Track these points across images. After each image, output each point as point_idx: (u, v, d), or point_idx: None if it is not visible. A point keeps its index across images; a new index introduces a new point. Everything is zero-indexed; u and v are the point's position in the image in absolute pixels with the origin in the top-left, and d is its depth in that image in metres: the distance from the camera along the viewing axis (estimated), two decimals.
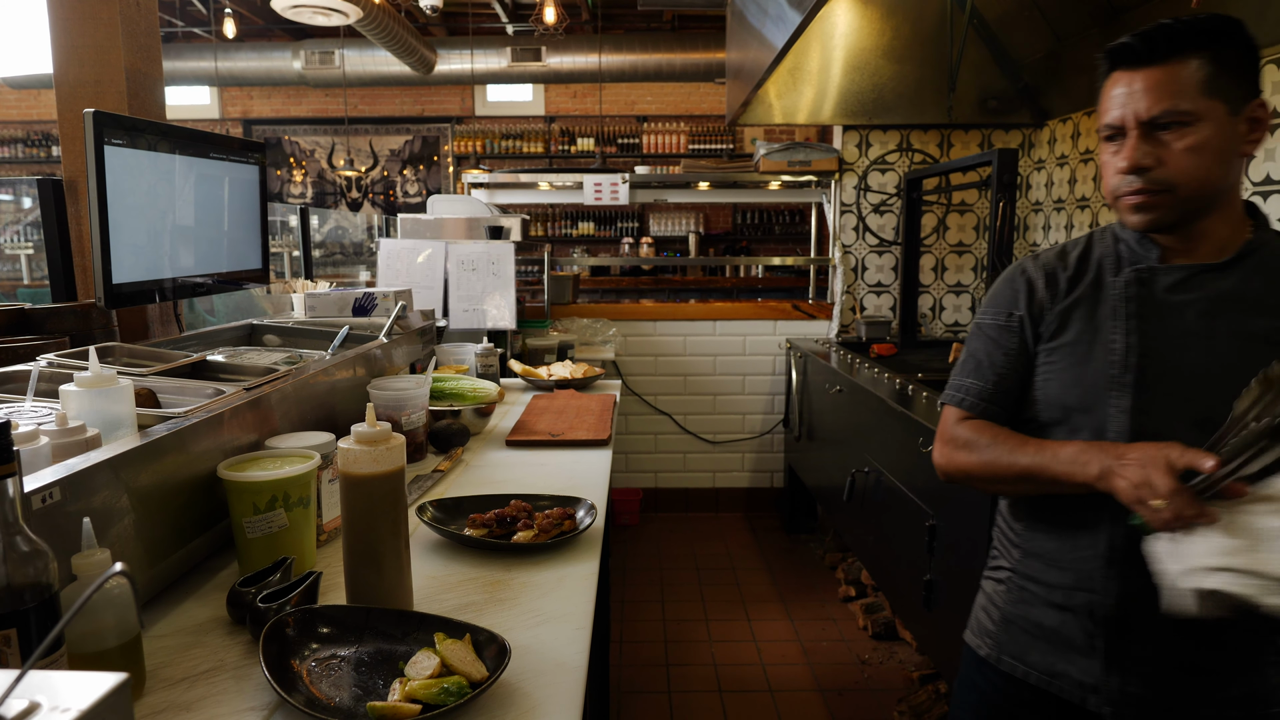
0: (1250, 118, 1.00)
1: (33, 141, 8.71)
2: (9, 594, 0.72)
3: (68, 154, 1.89)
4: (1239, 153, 1.01)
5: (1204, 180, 0.99)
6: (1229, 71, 0.98)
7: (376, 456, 0.97)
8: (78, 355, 1.41)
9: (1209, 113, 0.97)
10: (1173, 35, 0.98)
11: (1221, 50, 0.97)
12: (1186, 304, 1.03)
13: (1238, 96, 0.98)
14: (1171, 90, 0.98)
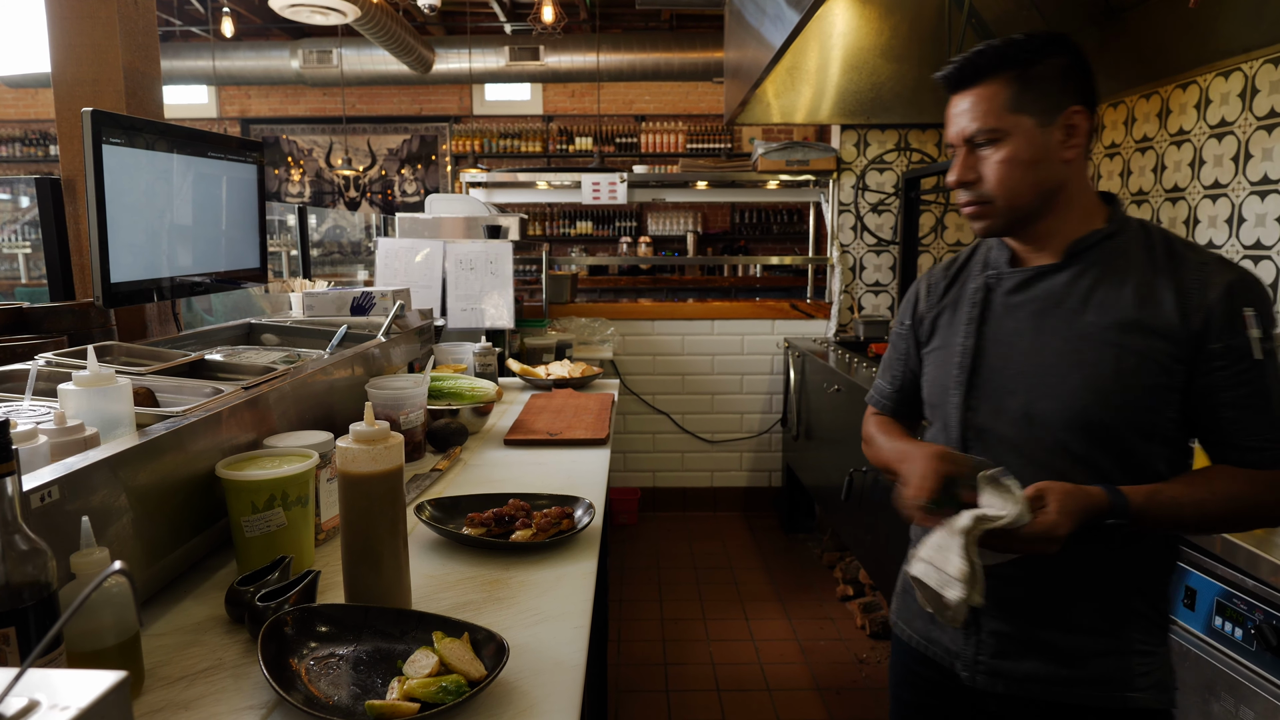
0: (1066, 125, 1.06)
1: (30, 141, 8.70)
2: (8, 592, 0.72)
3: (65, 153, 1.88)
4: (1059, 159, 1.06)
5: (1017, 190, 1.07)
6: (1035, 88, 1.05)
7: (375, 455, 0.97)
8: (76, 354, 1.41)
9: (1015, 128, 1.05)
10: (980, 62, 1.06)
11: (1028, 69, 1.05)
12: (1021, 305, 1.12)
13: (1046, 109, 1.05)
14: (982, 110, 1.06)
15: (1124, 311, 1.04)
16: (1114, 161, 2.87)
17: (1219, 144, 2.34)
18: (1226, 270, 1.02)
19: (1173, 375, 1.02)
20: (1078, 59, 1.07)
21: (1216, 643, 1.39)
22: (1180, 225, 2.50)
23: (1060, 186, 1.08)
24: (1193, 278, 1.03)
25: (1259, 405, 1.01)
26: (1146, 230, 1.09)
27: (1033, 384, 1.08)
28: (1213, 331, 1.01)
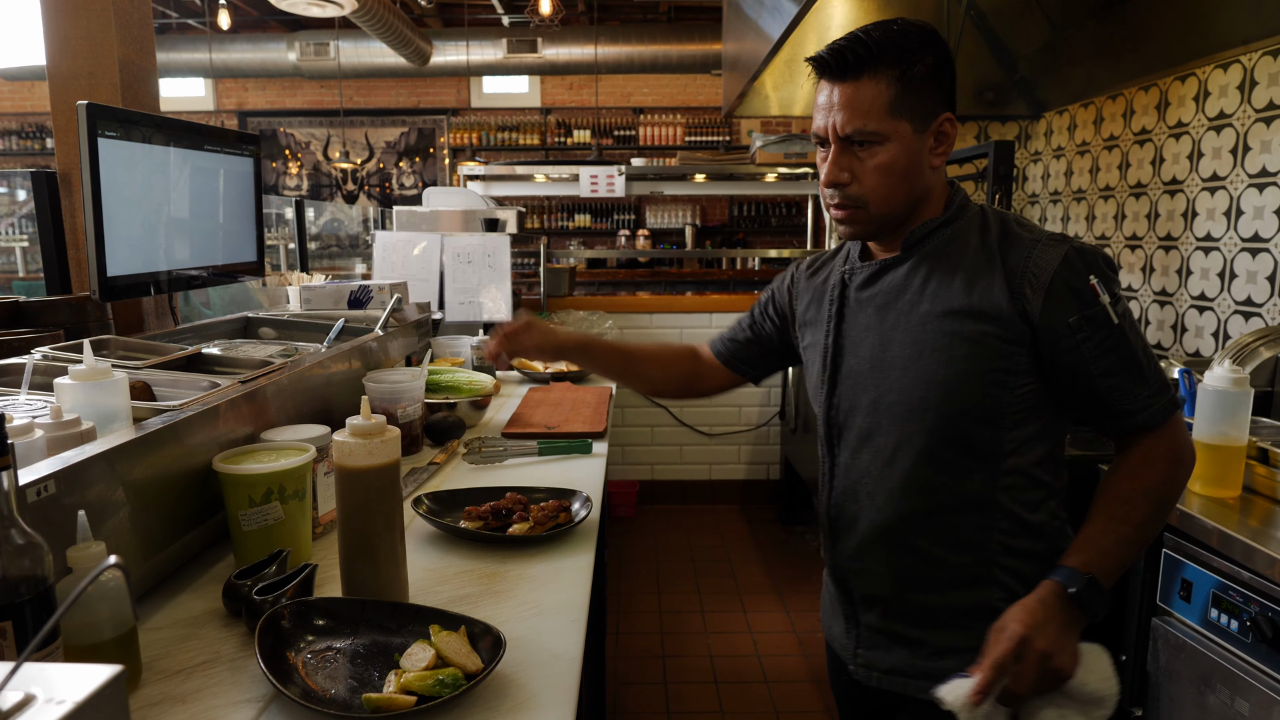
0: (938, 131, 1.04)
1: (27, 134, 8.67)
2: (4, 586, 0.72)
3: (61, 146, 1.88)
4: (930, 165, 1.06)
5: (891, 197, 1.04)
6: (915, 91, 1.01)
7: (371, 449, 0.97)
8: (72, 348, 1.41)
9: (894, 133, 1.01)
10: (861, 53, 1.00)
11: (909, 68, 1.00)
12: (869, 300, 1.12)
13: (923, 114, 1.02)
14: (861, 110, 1.01)
15: (955, 299, 1.03)
16: (1112, 154, 2.87)
17: (1217, 136, 2.33)
18: (1058, 244, 1.01)
19: (1011, 359, 1.02)
20: (947, 59, 1.04)
21: (1212, 635, 1.39)
22: (1179, 218, 2.50)
23: (926, 193, 1.07)
24: (1023, 257, 1.02)
25: (1130, 368, 1.00)
26: (984, 215, 1.09)
27: (880, 379, 1.08)
28: (1061, 308, 0.99)
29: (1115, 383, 1.00)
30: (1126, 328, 1.00)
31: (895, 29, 1.01)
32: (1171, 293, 2.54)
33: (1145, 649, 1.56)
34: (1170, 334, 2.55)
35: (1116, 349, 1.00)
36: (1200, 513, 1.39)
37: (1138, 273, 2.72)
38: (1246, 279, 2.23)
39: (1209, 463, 1.46)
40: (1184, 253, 2.48)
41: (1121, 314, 1.00)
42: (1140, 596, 1.58)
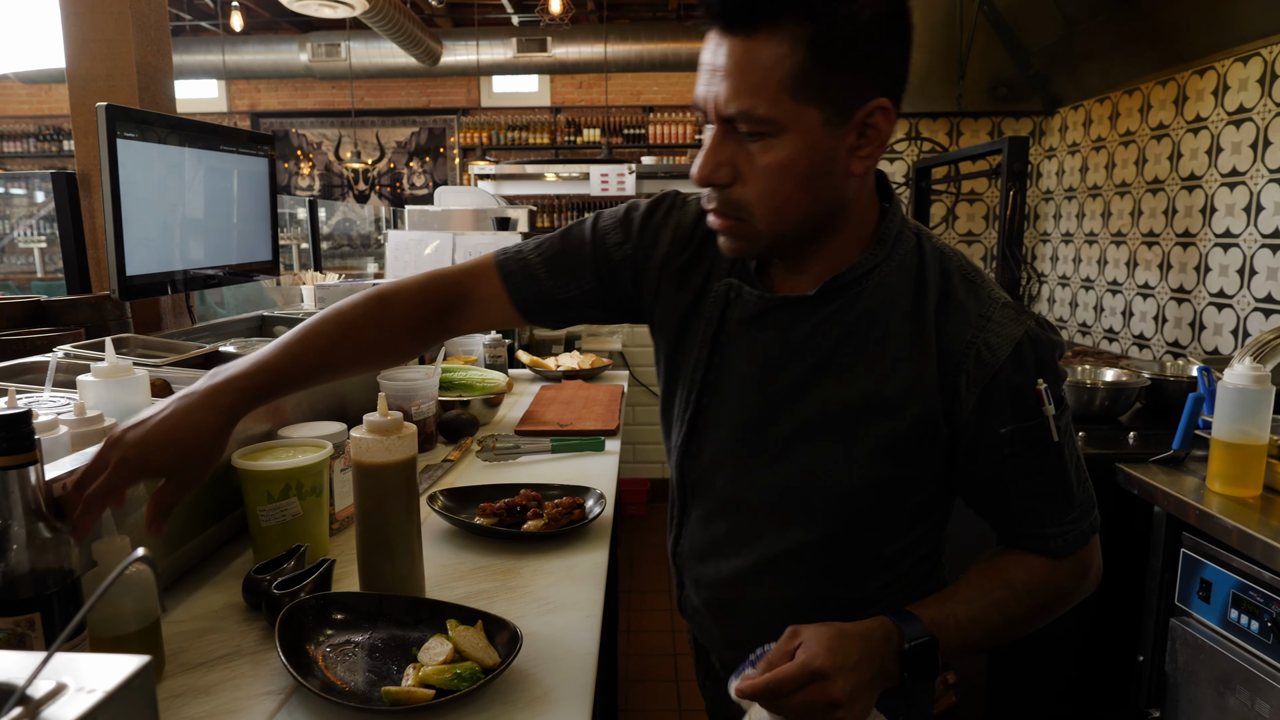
0: (863, 124, 0.75)
1: (44, 136, 8.76)
2: (32, 579, 0.73)
3: (80, 147, 1.90)
4: (846, 172, 0.77)
5: (785, 210, 0.77)
6: (832, 63, 0.71)
7: (389, 446, 0.98)
8: (94, 346, 1.42)
9: (795, 122, 0.73)
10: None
11: (827, 28, 0.70)
12: (754, 345, 0.86)
13: (842, 99, 0.73)
14: (751, 82, 0.72)
15: (868, 381, 0.81)
16: (1129, 149, 2.84)
17: (1237, 131, 2.31)
18: (1011, 325, 0.78)
19: (920, 465, 0.83)
20: (894, 19, 0.73)
21: (1232, 635, 1.38)
22: (1197, 214, 2.48)
23: (841, 207, 0.80)
24: (965, 339, 0.78)
25: (1056, 492, 0.82)
26: (921, 255, 0.82)
27: (752, 449, 0.87)
28: (996, 415, 0.79)
29: (1033, 505, 0.83)
30: (1065, 444, 0.81)
31: None
32: (1189, 290, 2.52)
33: (1163, 650, 1.55)
34: (1188, 331, 2.53)
35: (1046, 470, 0.81)
36: (1220, 512, 1.38)
37: (1155, 269, 2.70)
38: (1267, 275, 2.21)
39: (1229, 462, 1.45)
40: (1202, 249, 2.46)
41: (1063, 428, 0.81)
42: (1158, 597, 1.57)
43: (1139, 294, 2.79)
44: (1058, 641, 1.76)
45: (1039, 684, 1.79)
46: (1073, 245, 3.26)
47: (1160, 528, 1.56)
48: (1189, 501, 1.45)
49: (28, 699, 0.48)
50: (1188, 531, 1.49)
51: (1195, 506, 1.43)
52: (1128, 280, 2.86)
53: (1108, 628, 1.73)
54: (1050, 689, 1.79)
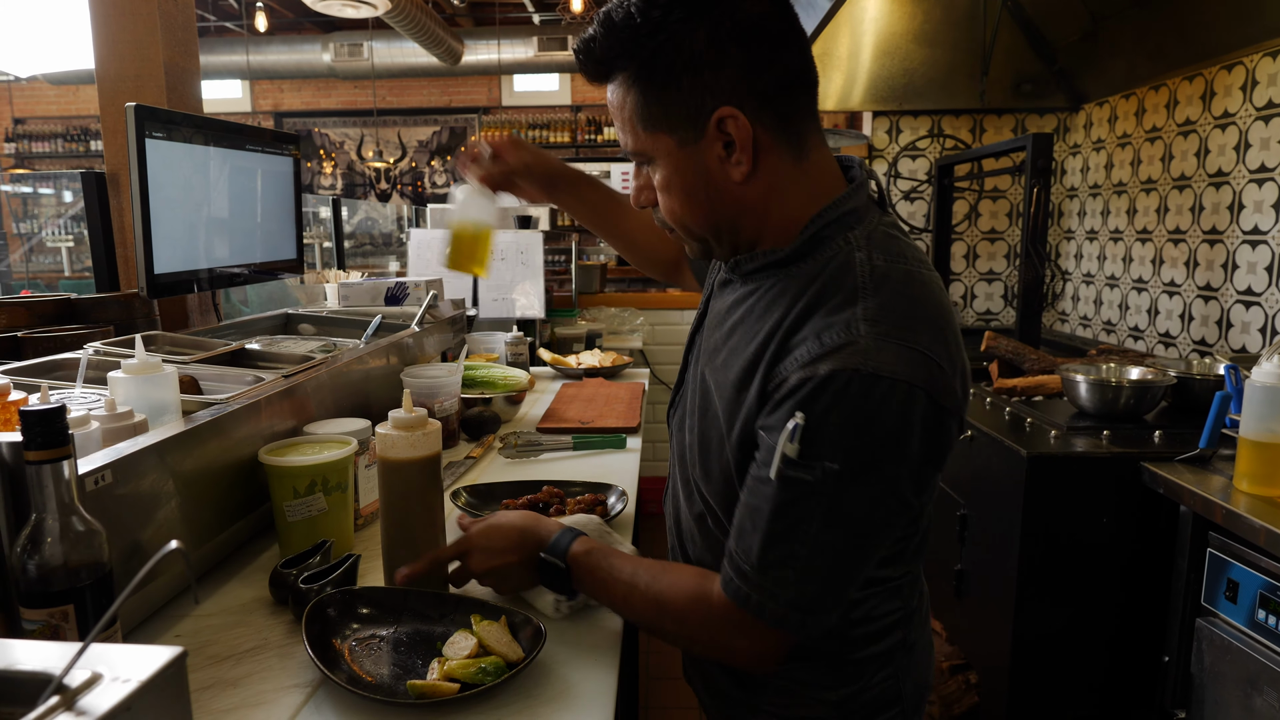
0: (717, 136, 0.77)
1: (71, 136, 8.91)
2: (66, 572, 0.75)
3: (109, 147, 1.93)
4: (727, 180, 0.79)
5: (688, 220, 0.83)
6: (662, 93, 0.77)
7: (414, 442, 0.99)
8: (123, 343, 1.45)
9: (655, 149, 0.80)
10: (594, 49, 0.79)
11: (645, 62, 0.76)
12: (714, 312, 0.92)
13: (683, 118, 0.77)
14: (620, 123, 0.82)
15: (737, 364, 0.83)
16: (1155, 146, 2.81)
17: (1265, 127, 2.27)
18: (839, 357, 0.71)
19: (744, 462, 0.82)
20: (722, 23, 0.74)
21: (1260, 636, 1.36)
22: (1224, 210, 2.44)
23: (745, 210, 0.82)
24: (804, 350, 0.75)
25: (753, 526, 0.76)
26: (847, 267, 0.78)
27: (693, 408, 0.91)
28: (768, 415, 0.77)
29: (740, 523, 0.79)
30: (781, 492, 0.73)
31: (618, 14, 0.76)
32: (1217, 287, 2.48)
33: (1189, 650, 1.53)
34: (1215, 330, 2.49)
35: (753, 496, 0.77)
36: (1248, 511, 1.36)
37: (1181, 267, 2.66)
38: None
39: (1257, 461, 1.43)
40: (1230, 246, 2.42)
41: (787, 480, 0.73)
42: (1184, 597, 1.55)
43: (1165, 292, 2.75)
44: (1082, 641, 1.75)
45: (1062, 683, 1.78)
46: (1097, 243, 3.22)
47: (1186, 527, 1.54)
48: (1216, 501, 1.43)
49: (65, 688, 0.49)
50: (1214, 531, 1.47)
51: (1222, 506, 1.41)
52: (1154, 278, 2.82)
53: (1133, 627, 1.72)
54: (1074, 689, 1.78)
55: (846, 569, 0.77)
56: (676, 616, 0.84)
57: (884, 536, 0.78)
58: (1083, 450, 1.71)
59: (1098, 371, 2.00)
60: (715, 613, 0.80)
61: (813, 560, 0.74)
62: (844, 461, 0.71)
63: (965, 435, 2.00)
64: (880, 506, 0.74)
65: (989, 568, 1.92)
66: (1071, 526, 1.70)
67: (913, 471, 0.74)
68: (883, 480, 0.73)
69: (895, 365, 0.71)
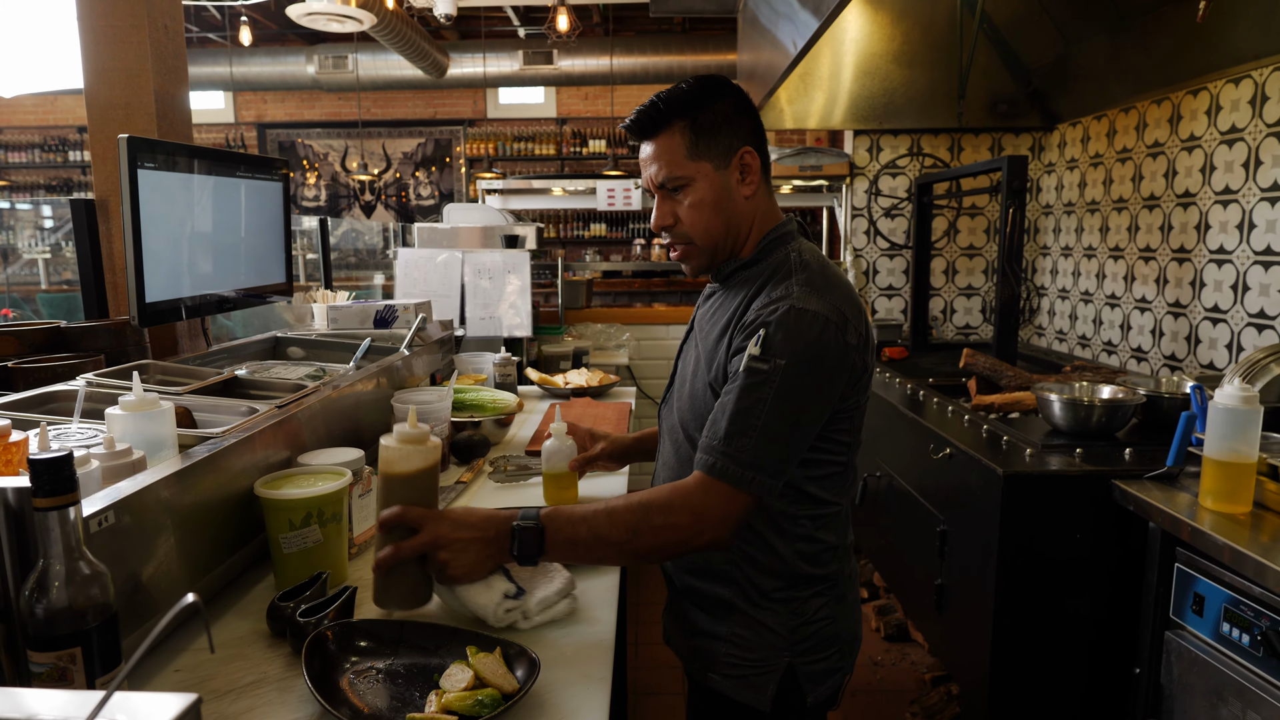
0: (740, 164, 1.16)
1: (49, 147, 8.83)
2: (73, 615, 0.77)
3: (99, 174, 1.95)
4: (740, 196, 1.17)
5: (710, 229, 1.17)
6: (708, 134, 1.14)
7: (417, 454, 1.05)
8: (116, 374, 1.47)
9: (698, 173, 1.15)
10: (654, 114, 1.15)
11: (697, 116, 1.14)
12: (700, 318, 1.26)
13: (720, 152, 1.15)
14: (666, 159, 1.15)
15: (710, 341, 1.16)
16: (1125, 166, 2.88)
17: (1229, 150, 2.35)
18: (784, 302, 1.07)
19: None
20: (740, 100, 1.17)
21: (1224, 649, 1.42)
22: (1192, 230, 2.52)
23: (745, 220, 1.18)
24: (759, 305, 1.09)
25: (721, 411, 1.07)
26: (787, 264, 1.14)
27: (680, 390, 1.24)
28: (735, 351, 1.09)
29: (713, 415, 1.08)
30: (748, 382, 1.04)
31: (684, 87, 1.15)
32: (1185, 304, 2.56)
33: (1159, 662, 1.58)
34: (1184, 345, 2.57)
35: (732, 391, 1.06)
36: (1212, 528, 1.42)
37: (1152, 284, 2.73)
38: (1259, 292, 2.25)
39: (1220, 479, 1.49)
40: (1197, 265, 2.50)
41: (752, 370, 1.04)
42: (1154, 610, 1.60)
43: (1136, 308, 2.83)
44: (1059, 653, 1.80)
45: (1040, 694, 1.83)
46: (1072, 259, 3.29)
47: (1155, 543, 1.60)
48: (1182, 518, 1.48)
49: None
50: (1181, 547, 1.53)
51: (1188, 523, 1.46)
52: (1125, 294, 2.89)
53: (1107, 640, 1.77)
54: (1051, 699, 1.82)
55: (790, 440, 1.06)
56: (660, 506, 1.05)
57: (814, 422, 1.08)
58: (1057, 468, 1.76)
59: (1071, 390, 2.06)
60: (690, 489, 1.05)
61: (766, 429, 1.03)
62: (789, 359, 1.04)
63: (944, 453, 2.05)
64: (812, 397, 1.06)
65: (968, 582, 1.97)
66: (1047, 542, 1.75)
67: (831, 378, 1.07)
68: (814, 377, 1.05)
69: (818, 307, 1.06)
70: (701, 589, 1.20)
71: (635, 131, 1.18)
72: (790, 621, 1.15)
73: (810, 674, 1.16)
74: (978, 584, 1.88)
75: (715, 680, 1.18)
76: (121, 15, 1.87)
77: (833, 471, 1.15)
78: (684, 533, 1.04)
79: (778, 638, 1.15)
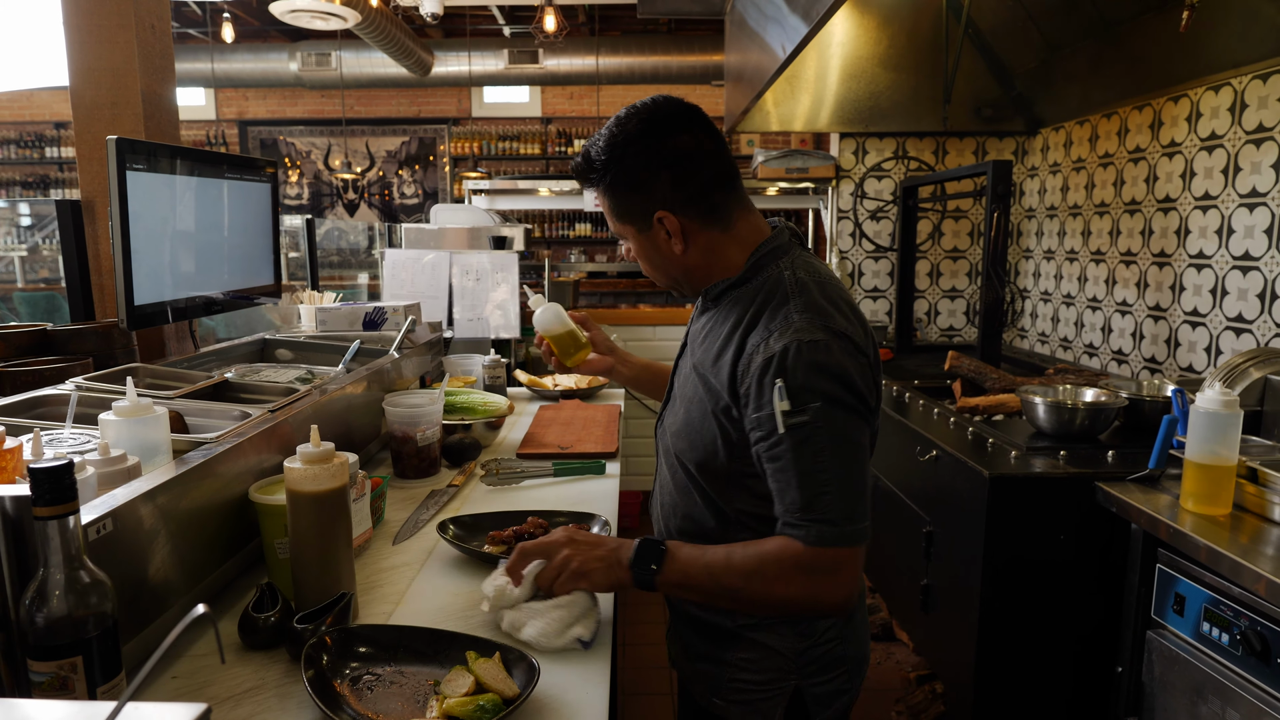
0: (662, 228, 1.09)
1: (25, 143, 8.70)
2: (73, 624, 0.77)
3: (84, 174, 1.93)
4: (672, 252, 1.11)
5: (659, 276, 1.17)
6: (623, 199, 1.10)
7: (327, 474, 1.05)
8: (105, 379, 1.46)
9: (626, 233, 1.15)
10: (580, 172, 1.13)
11: (611, 184, 1.10)
12: (692, 336, 1.22)
13: (640, 215, 1.10)
14: (605, 213, 1.15)
15: (707, 361, 1.11)
16: (1107, 171, 2.93)
17: (1209, 156, 2.39)
18: (785, 336, 0.99)
19: (724, 429, 1.06)
20: (658, 152, 1.07)
21: (1205, 647, 1.45)
22: (1172, 235, 2.56)
23: (691, 268, 1.14)
24: (757, 339, 1.02)
25: (786, 479, 0.99)
26: (780, 283, 1.07)
27: (675, 407, 1.19)
28: (750, 401, 1.01)
29: (775, 485, 1.01)
30: (796, 439, 0.97)
31: (603, 140, 1.09)
32: (1165, 308, 2.60)
33: (1140, 660, 1.61)
34: (1164, 348, 2.61)
35: (779, 457, 0.99)
36: (1192, 530, 1.45)
37: (1132, 288, 2.78)
38: (1237, 296, 2.29)
39: (1201, 481, 1.52)
40: (1177, 269, 2.54)
41: (793, 426, 0.97)
42: (1135, 610, 1.63)
43: (1118, 311, 2.87)
44: (1042, 652, 1.83)
45: (1024, 692, 1.86)
46: (1054, 262, 3.34)
47: (1137, 544, 1.63)
48: (1163, 519, 1.51)
49: None
50: (1162, 548, 1.56)
51: (1169, 524, 1.50)
52: (1107, 297, 2.94)
53: (1090, 639, 1.80)
54: (1035, 697, 1.85)
55: (862, 476, 1.00)
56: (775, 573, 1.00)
57: (868, 443, 1.03)
58: (1041, 470, 1.79)
59: (1055, 393, 2.09)
60: (804, 560, 0.98)
61: (839, 479, 0.97)
62: (821, 397, 0.97)
63: (930, 455, 2.08)
64: (856, 422, 1.00)
65: (954, 582, 2.00)
66: (1032, 543, 1.78)
67: (865, 396, 1.01)
68: (850, 401, 0.99)
69: (824, 334, 1.00)
70: (704, 618, 1.17)
71: (578, 180, 1.17)
72: (798, 644, 1.12)
73: (817, 696, 1.13)
74: (963, 584, 1.91)
75: (718, 705, 1.15)
76: (108, 14, 1.86)
77: None
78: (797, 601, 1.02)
79: (785, 660, 1.12)
